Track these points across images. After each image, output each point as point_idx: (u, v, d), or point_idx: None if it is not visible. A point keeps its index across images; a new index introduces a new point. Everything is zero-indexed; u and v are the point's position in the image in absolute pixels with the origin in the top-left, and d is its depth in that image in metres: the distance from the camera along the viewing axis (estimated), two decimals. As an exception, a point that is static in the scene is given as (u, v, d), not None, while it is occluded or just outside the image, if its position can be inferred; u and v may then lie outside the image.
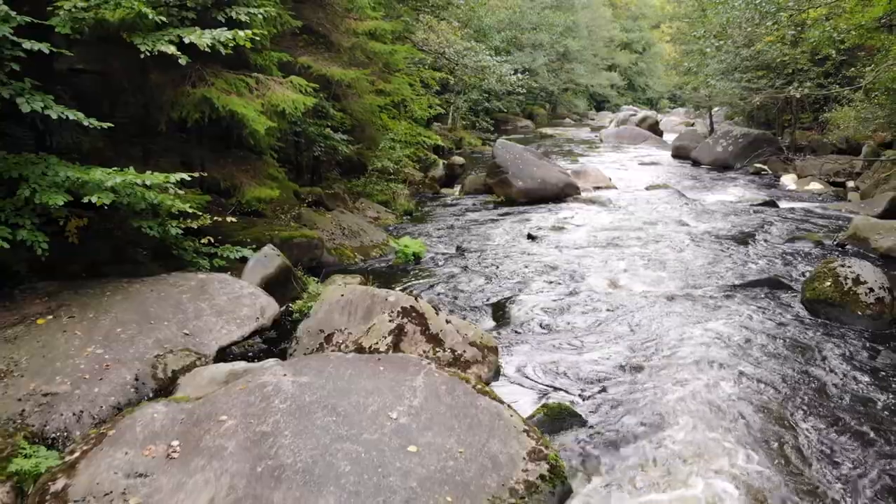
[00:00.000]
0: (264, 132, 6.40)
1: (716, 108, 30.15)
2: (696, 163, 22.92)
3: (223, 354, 5.11)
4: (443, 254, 10.11)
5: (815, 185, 17.51)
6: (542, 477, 3.60)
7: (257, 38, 5.98)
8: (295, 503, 3.25)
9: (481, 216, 13.21)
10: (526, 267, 9.31)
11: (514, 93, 27.92)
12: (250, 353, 5.72)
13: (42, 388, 4.32)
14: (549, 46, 36.98)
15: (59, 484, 3.49)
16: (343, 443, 3.62)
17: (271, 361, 4.78)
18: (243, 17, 6.21)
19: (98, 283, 5.62)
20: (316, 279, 7.99)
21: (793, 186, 17.91)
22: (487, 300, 7.84)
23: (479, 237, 11.29)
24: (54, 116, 5.02)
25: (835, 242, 10.71)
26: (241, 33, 5.72)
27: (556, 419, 4.72)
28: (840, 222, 12.22)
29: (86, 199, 5.12)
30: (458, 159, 18.78)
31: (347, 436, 3.68)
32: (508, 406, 4.25)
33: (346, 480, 3.38)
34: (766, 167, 20.71)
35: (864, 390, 5.51)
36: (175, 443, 3.70)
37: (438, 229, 11.90)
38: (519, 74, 24.12)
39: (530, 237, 11.23)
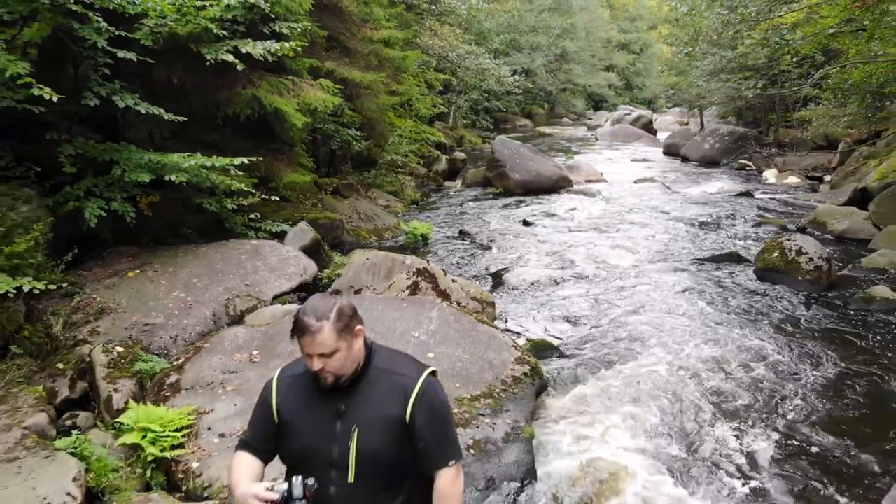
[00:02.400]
0: (300, 126, 7.70)
1: (713, 108, 31.42)
2: (685, 159, 24.17)
3: (275, 301, 6.40)
4: (447, 236, 11.41)
5: (793, 179, 18.78)
6: (525, 374, 4.90)
7: (298, 49, 7.27)
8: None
9: (481, 205, 14.50)
10: (521, 246, 10.61)
11: (512, 93, 29.20)
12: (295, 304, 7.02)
13: (142, 321, 5.62)
14: (546, 48, 38.23)
15: (172, 378, 4.80)
16: (379, 351, 4.91)
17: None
18: (285, 31, 7.52)
19: (170, 247, 6.93)
20: (339, 253, 9.28)
21: (773, 180, 19.17)
22: (487, 270, 9.15)
23: (479, 222, 12.58)
24: (143, 111, 6.32)
25: (797, 227, 11.99)
26: (286, 45, 7.01)
27: (539, 349, 6.02)
28: (806, 210, 13.49)
29: (166, 178, 6.41)
30: (460, 154, 20.06)
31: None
32: (502, 332, 5.56)
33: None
34: (750, 163, 21.97)
35: (795, 336, 6.78)
36: (255, 352, 5.00)
37: (443, 216, 13.20)
38: (516, 76, 25.39)
39: (525, 223, 12.52)
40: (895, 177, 12.17)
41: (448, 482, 1.88)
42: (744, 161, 22.05)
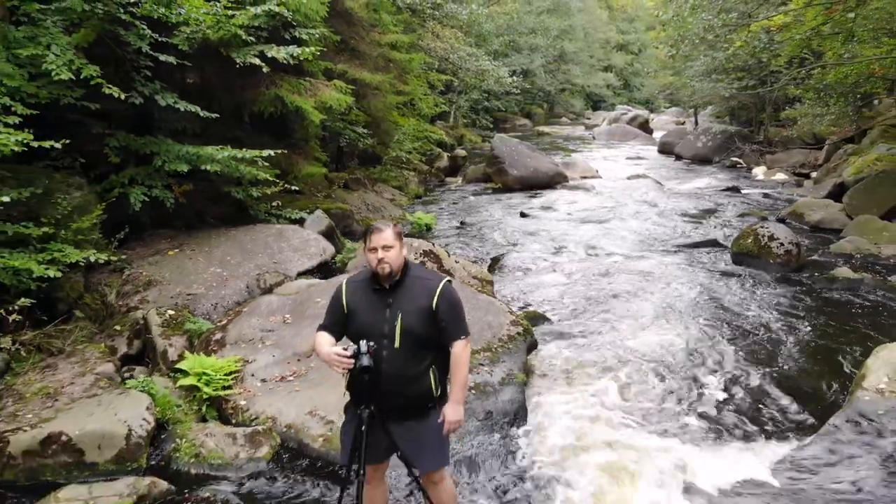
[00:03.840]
0: (318, 122, 8.50)
1: (709, 108, 32.22)
2: (679, 157, 24.97)
3: (299, 277, 7.21)
4: (450, 226, 12.23)
5: (781, 175, 19.58)
6: (518, 333, 5.71)
7: (316, 53, 8.07)
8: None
9: (481, 199, 15.32)
10: (518, 235, 11.43)
11: (511, 93, 30.01)
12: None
13: (185, 291, 6.44)
14: (545, 49, 39.04)
15: (218, 335, 5.62)
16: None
17: (340, 276, 6.89)
18: (304, 36, 8.32)
19: (203, 230, 7.74)
20: (350, 241, 10.09)
21: (761, 177, 19.97)
22: (487, 254, 9.97)
23: (479, 214, 13.40)
24: (182, 109, 7.13)
25: (777, 218, 12.80)
26: (306, 49, 7.82)
27: (532, 318, 6.83)
28: (788, 203, 14.29)
29: (202, 168, 7.21)
30: (461, 152, 20.90)
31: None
32: (498, 299, 6.36)
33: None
34: (741, 160, 22.77)
35: (763, 308, 7.58)
36: (288, 315, 5.82)
37: (445, 208, 14.02)
38: (515, 77, 26.19)
39: (522, 215, 13.34)
40: (868, 171, 12.99)
41: (460, 349, 2.73)
42: (735, 159, 22.85)
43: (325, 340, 2.73)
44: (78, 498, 3.80)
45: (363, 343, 2.56)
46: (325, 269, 7.92)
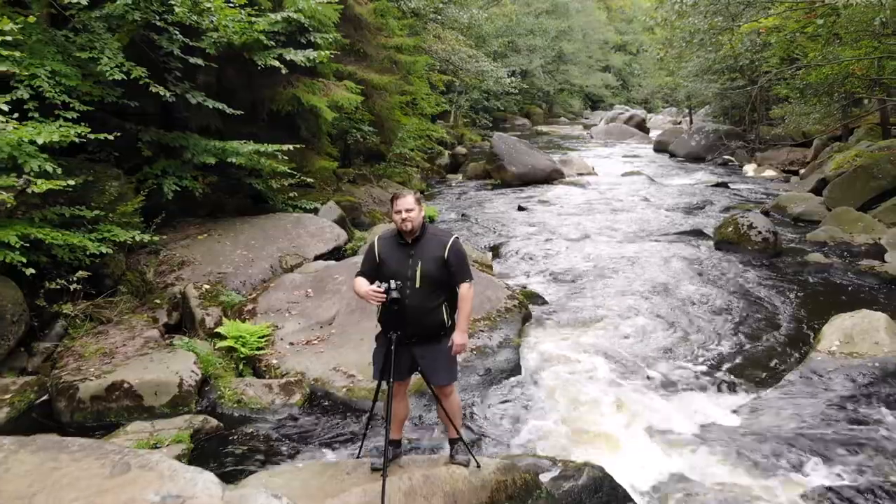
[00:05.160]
0: (330, 120, 9.24)
1: (705, 107, 32.93)
2: (673, 156, 25.67)
3: (317, 259, 7.94)
4: (451, 218, 12.96)
5: (770, 172, 20.31)
6: (514, 305, 6.44)
7: (330, 56, 8.80)
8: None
9: (481, 194, 16.05)
10: (515, 226, 12.16)
11: (510, 93, 30.74)
12: (328, 265, 8.55)
13: (216, 270, 7.16)
14: (543, 50, 39.77)
15: (249, 306, 6.35)
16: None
17: (354, 257, 7.62)
18: (319, 41, 9.05)
19: (227, 218, 8.46)
20: (358, 230, 10.82)
21: (751, 174, 20.69)
22: (487, 244, 10.69)
23: (479, 208, 14.13)
24: (210, 106, 7.85)
25: (761, 210, 13.51)
26: (321, 53, 8.55)
27: (528, 296, 7.55)
28: (773, 198, 15.02)
29: (228, 161, 7.93)
30: (461, 149, 21.64)
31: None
32: (497, 277, 7.09)
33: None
34: (733, 158, 23.50)
35: (740, 288, 8.30)
36: (310, 289, 6.55)
37: (446, 202, 14.75)
38: (514, 77, 26.92)
39: (520, 208, 14.05)
40: (848, 166, 13.71)
41: (465, 290, 3.49)
42: (727, 157, 23.56)
43: (363, 282, 3.47)
44: (143, 430, 4.53)
45: (392, 282, 3.30)
46: (337, 254, 8.65)
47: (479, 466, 3.49)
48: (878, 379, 5.41)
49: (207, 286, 6.61)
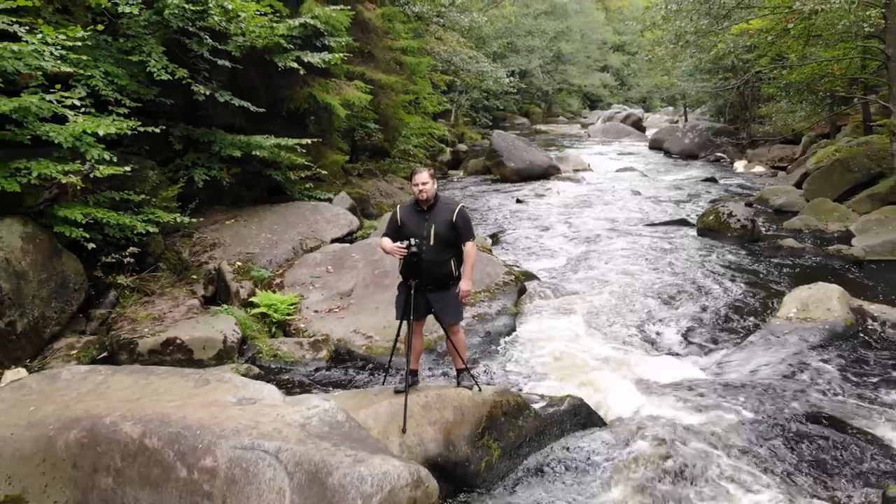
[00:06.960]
0: (343, 117, 10.07)
1: (702, 106, 33.72)
2: (667, 153, 26.48)
3: (333, 242, 8.77)
4: (454, 210, 13.77)
5: (759, 168, 21.13)
6: (511, 280, 7.28)
7: (343, 58, 9.63)
8: (392, 283, 6.91)
9: (481, 189, 16.89)
10: (513, 217, 12.99)
11: (509, 93, 31.58)
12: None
13: (244, 251, 7.99)
14: (542, 50, 40.60)
15: (276, 280, 7.19)
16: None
17: (368, 240, 8.46)
18: (332, 44, 9.88)
19: (249, 207, 9.29)
20: (367, 220, 11.64)
21: (741, 169, 21.50)
22: (487, 232, 11.52)
23: (479, 201, 14.97)
24: (237, 105, 8.67)
25: (745, 202, 14.34)
26: (335, 55, 9.37)
27: (524, 275, 8.38)
28: (758, 191, 15.85)
29: (252, 154, 8.76)
30: (462, 146, 22.46)
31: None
32: (496, 257, 7.93)
33: (417, 277, 7.03)
34: (724, 155, 24.30)
35: (718, 269, 9.12)
36: (330, 266, 7.38)
37: (448, 196, 15.57)
38: (513, 77, 27.76)
39: (518, 201, 14.89)
40: (827, 160, 14.53)
41: (469, 247, 4.34)
42: (719, 154, 24.38)
43: (388, 241, 4.33)
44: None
45: (412, 240, 4.15)
46: (350, 239, 9.49)
47: (480, 390, 4.32)
48: (825, 339, 6.24)
49: (240, 263, 7.44)
